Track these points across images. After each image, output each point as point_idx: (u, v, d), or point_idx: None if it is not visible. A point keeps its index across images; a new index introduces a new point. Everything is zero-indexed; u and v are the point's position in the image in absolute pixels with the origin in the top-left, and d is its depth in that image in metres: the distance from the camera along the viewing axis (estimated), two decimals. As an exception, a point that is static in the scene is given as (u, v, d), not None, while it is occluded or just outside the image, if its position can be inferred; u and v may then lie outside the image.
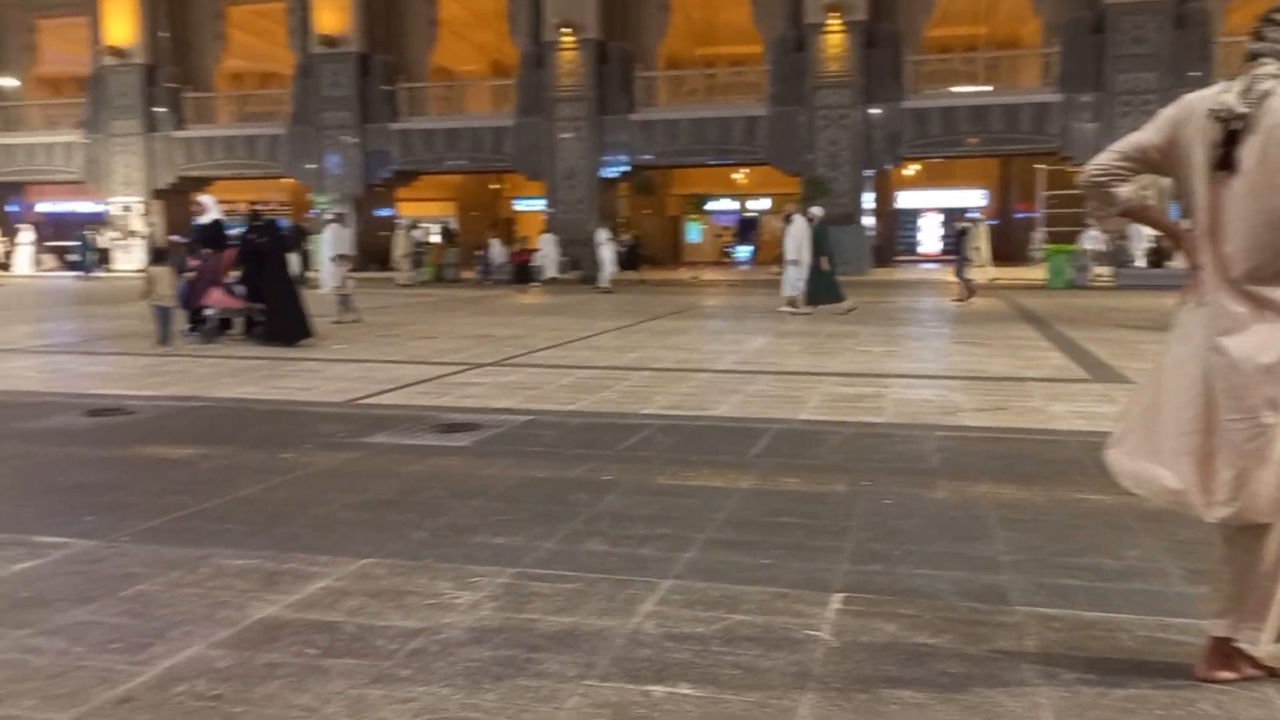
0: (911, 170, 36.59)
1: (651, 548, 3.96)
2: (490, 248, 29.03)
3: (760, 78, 31.15)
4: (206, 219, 13.00)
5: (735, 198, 42.14)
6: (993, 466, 5.38)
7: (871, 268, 28.88)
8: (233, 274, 12.23)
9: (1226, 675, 2.75)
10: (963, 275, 18.88)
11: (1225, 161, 2.61)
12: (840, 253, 20.71)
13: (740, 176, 40.34)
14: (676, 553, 3.89)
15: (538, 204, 33.42)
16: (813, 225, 16.18)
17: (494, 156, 32.94)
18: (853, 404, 7.53)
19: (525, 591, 3.48)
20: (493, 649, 2.98)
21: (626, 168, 31.46)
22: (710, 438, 6.22)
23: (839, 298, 15.90)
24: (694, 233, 43.20)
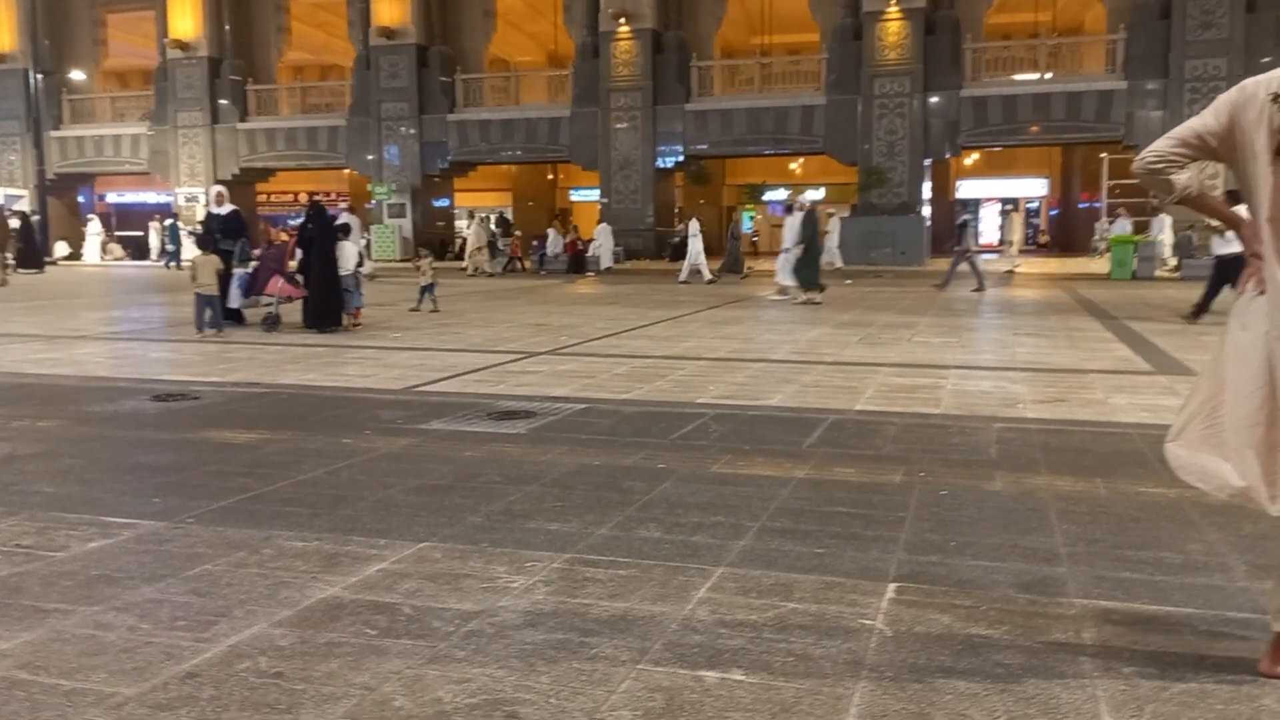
0: (971, 160, 36.09)
1: (705, 535, 3.97)
2: (546, 238, 29.19)
3: (817, 66, 30.91)
4: (224, 209, 13.02)
5: (791, 187, 41.88)
6: (1052, 459, 5.31)
7: (928, 258, 28.57)
8: (291, 263, 12.41)
9: (1291, 672, 2.69)
10: (959, 267, 19.55)
11: None
12: (898, 243, 20.57)
13: (796, 166, 40.10)
14: (731, 540, 3.90)
15: (595, 194, 33.52)
16: (802, 214, 16.58)
17: (549, 147, 33.11)
18: (909, 395, 7.47)
19: (579, 576, 3.51)
20: (546, 632, 3.02)
21: (681, 158, 31.43)
22: (765, 427, 6.21)
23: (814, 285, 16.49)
24: (747, 223, 42.98)
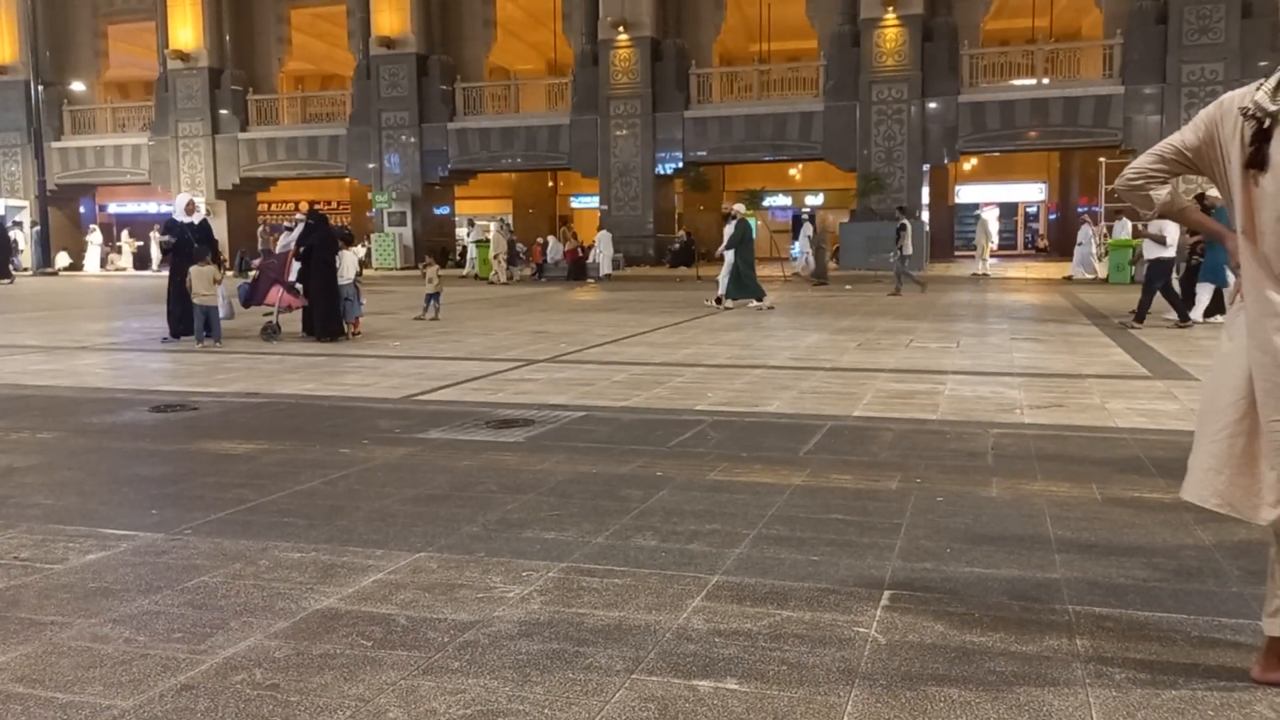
0: (970, 164, 36.13)
1: (701, 543, 3.98)
2: (546, 245, 29.24)
3: (815, 73, 30.99)
4: (195, 218, 12.69)
5: (791, 193, 41.94)
6: (1048, 465, 5.32)
7: (928, 263, 28.60)
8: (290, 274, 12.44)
9: (1283, 677, 2.70)
10: (899, 270, 20.17)
11: (1256, 159, 2.57)
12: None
13: (796, 172, 40.17)
14: (726, 548, 3.91)
15: (595, 201, 33.58)
16: (735, 222, 16.74)
17: (549, 154, 33.19)
18: (907, 400, 7.48)
19: (575, 586, 3.52)
20: (541, 642, 3.03)
21: (680, 164, 31.50)
22: (762, 434, 6.22)
23: (753, 294, 16.70)
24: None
